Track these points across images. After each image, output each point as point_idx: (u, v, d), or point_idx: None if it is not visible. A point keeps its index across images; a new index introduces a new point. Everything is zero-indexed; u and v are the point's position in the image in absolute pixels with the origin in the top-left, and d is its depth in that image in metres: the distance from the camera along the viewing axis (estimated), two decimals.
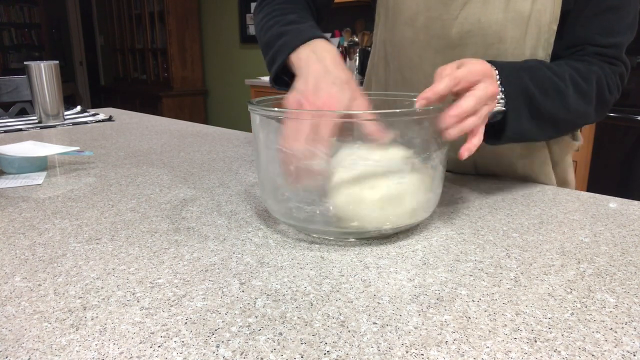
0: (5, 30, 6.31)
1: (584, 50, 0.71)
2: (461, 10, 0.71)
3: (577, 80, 0.67)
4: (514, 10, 0.69)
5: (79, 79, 6.84)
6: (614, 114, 2.24)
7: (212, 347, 0.36)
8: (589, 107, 0.69)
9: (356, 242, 0.55)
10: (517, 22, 0.69)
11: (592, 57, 0.71)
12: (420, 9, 0.75)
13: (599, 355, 0.36)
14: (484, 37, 0.71)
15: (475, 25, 0.71)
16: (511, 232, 0.59)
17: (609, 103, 0.72)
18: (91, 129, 1.30)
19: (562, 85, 0.65)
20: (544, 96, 0.64)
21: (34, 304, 0.42)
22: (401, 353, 0.36)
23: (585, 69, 0.68)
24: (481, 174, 0.85)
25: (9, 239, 0.57)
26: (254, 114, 0.55)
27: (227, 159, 0.96)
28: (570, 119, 0.69)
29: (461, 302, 0.43)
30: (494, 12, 0.70)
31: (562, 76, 0.66)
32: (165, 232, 0.58)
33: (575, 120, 0.70)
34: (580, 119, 0.70)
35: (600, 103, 0.70)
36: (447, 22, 0.73)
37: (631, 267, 0.50)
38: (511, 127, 0.63)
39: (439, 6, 0.73)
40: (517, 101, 0.62)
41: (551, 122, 0.67)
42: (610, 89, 0.71)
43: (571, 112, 0.67)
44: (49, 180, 0.81)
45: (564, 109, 0.66)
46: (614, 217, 0.64)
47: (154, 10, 4.99)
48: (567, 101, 0.66)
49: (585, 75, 0.68)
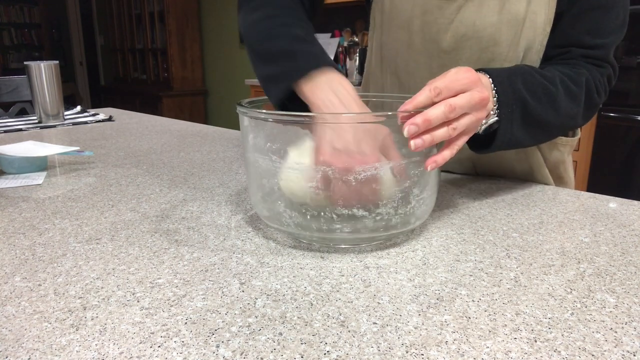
0: (5, 30, 6.31)
1: (571, 53, 0.71)
2: (457, 14, 0.71)
3: (567, 83, 0.66)
4: (509, 13, 0.69)
5: (79, 79, 6.85)
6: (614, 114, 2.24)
7: (212, 347, 0.36)
8: (578, 109, 0.68)
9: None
10: (512, 24, 0.69)
11: (578, 59, 0.70)
12: (415, 13, 0.74)
13: (599, 355, 0.36)
14: (478, 40, 0.71)
15: (470, 28, 0.71)
16: (511, 232, 0.59)
17: (597, 106, 0.71)
18: (91, 129, 1.30)
19: (552, 89, 0.64)
20: (536, 101, 0.62)
21: (34, 304, 0.42)
22: (401, 353, 0.36)
23: (574, 72, 0.68)
24: (481, 174, 0.85)
25: (9, 239, 0.57)
26: (244, 116, 0.54)
27: (227, 159, 0.96)
28: (559, 123, 0.68)
29: (461, 302, 0.43)
30: (488, 15, 0.70)
31: (553, 80, 0.65)
32: (165, 232, 0.58)
33: (565, 123, 0.69)
34: (569, 121, 0.69)
35: (588, 106, 0.69)
36: (442, 26, 0.72)
37: (631, 267, 0.50)
38: (502, 135, 0.61)
39: (434, 10, 0.73)
40: (510, 108, 0.60)
41: (541, 127, 0.65)
42: (599, 92, 0.70)
43: (561, 116, 0.66)
44: (49, 180, 0.81)
45: (554, 113, 0.65)
46: (614, 217, 0.64)
47: (154, 10, 4.99)
48: (558, 105, 0.65)
49: (574, 78, 0.67)
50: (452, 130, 0.51)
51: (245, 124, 0.54)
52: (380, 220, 0.51)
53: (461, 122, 0.51)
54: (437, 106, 0.49)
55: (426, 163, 0.51)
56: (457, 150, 0.53)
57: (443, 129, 0.50)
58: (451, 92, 0.50)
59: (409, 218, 0.53)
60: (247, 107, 0.55)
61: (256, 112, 0.52)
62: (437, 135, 0.50)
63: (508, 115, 0.60)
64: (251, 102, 0.61)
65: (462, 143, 0.53)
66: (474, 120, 0.52)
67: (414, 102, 0.49)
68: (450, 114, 0.49)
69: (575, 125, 0.72)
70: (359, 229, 0.51)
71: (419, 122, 0.48)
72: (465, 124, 0.52)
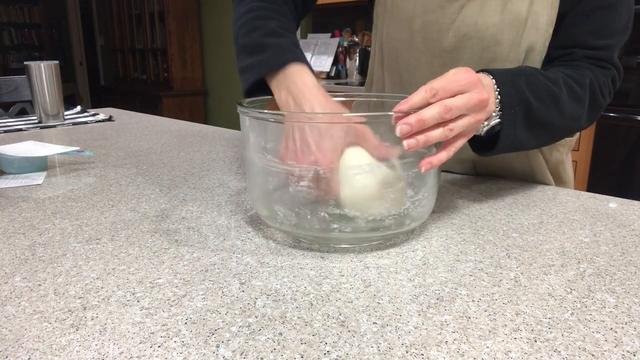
0: (5, 30, 6.31)
1: (574, 55, 0.70)
2: (458, 14, 0.71)
3: (571, 84, 0.66)
4: (511, 13, 0.69)
5: (79, 79, 6.84)
6: (614, 114, 2.24)
7: (212, 347, 0.36)
8: (582, 111, 0.67)
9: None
10: (514, 24, 0.69)
11: (582, 61, 0.70)
12: (417, 12, 0.74)
13: (599, 355, 0.36)
14: (480, 40, 0.71)
15: (471, 28, 0.71)
16: (511, 232, 0.59)
17: (601, 107, 0.71)
18: (91, 129, 1.30)
19: (556, 90, 0.64)
20: (540, 103, 0.62)
21: (34, 304, 0.42)
22: (401, 353, 0.36)
23: (578, 74, 0.67)
24: (481, 174, 0.85)
25: (9, 239, 0.57)
26: (244, 116, 0.54)
27: (227, 159, 0.96)
28: (563, 125, 0.67)
29: (461, 302, 0.43)
30: (490, 15, 0.70)
31: (556, 81, 0.64)
32: (165, 232, 0.58)
33: (569, 125, 0.68)
34: (573, 123, 0.69)
35: (592, 107, 0.69)
36: (444, 25, 0.72)
37: (631, 267, 0.50)
38: (505, 137, 0.60)
39: (436, 9, 0.72)
40: (513, 109, 0.59)
41: (545, 129, 0.65)
42: (603, 94, 0.70)
43: (565, 118, 0.65)
44: (49, 180, 0.81)
45: (559, 115, 0.64)
46: (614, 217, 0.64)
47: (154, 10, 4.99)
48: (562, 106, 0.64)
49: (578, 79, 0.66)
50: (449, 132, 0.50)
51: (246, 123, 0.55)
52: (373, 221, 0.51)
53: (458, 123, 0.51)
54: (432, 106, 0.49)
55: (421, 164, 0.50)
56: (454, 152, 0.52)
57: (439, 130, 0.49)
58: (448, 93, 0.49)
59: (403, 219, 0.53)
60: (248, 107, 0.55)
61: (257, 112, 0.52)
62: (432, 136, 0.49)
63: (511, 117, 0.59)
64: (252, 102, 0.61)
65: (460, 145, 0.53)
66: (472, 122, 0.52)
67: (409, 102, 0.49)
68: (445, 114, 0.49)
69: (579, 127, 0.71)
70: (355, 229, 0.52)
71: (412, 121, 0.47)
72: (463, 126, 0.51)
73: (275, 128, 0.54)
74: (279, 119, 0.54)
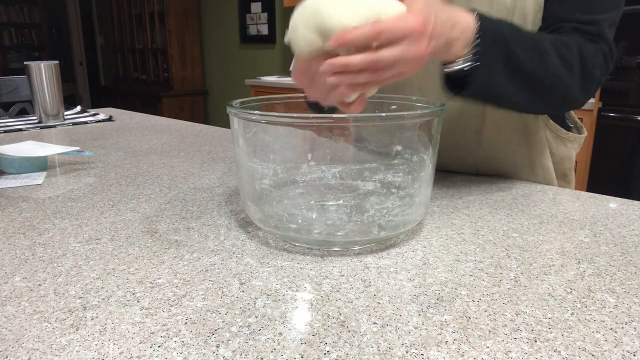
0: (5, 30, 6.31)
1: (562, 28, 0.68)
2: None
3: (559, 46, 0.64)
4: (499, 4, 0.69)
5: (79, 79, 6.84)
6: (614, 114, 2.24)
7: (212, 347, 0.36)
8: (571, 75, 0.65)
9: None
10: (502, 14, 0.68)
11: (570, 32, 0.68)
12: None
13: (599, 355, 0.36)
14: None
15: None
16: (511, 232, 0.59)
17: (593, 79, 0.68)
18: (91, 129, 1.30)
19: (542, 46, 0.62)
20: (523, 51, 0.60)
21: (34, 304, 0.42)
22: (401, 353, 0.36)
23: (566, 39, 0.65)
24: (481, 174, 0.85)
25: (9, 239, 0.57)
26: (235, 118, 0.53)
27: (227, 159, 0.96)
28: (548, 83, 0.64)
29: (461, 302, 0.43)
30: (478, 7, 0.69)
31: (543, 41, 0.63)
32: (165, 232, 0.58)
33: (556, 86, 0.65)
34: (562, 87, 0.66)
35: (584, 76, 0.66)
36: None
37: (631, 267, 0.50)
38: (481, 79, 0.58)
39: None
40: (491, 50, 0.57)
41: (528, 81, 0.62)
42: (594, 64, 0.67)
43: (549, 75, 0.63)
44: (49, 180, 0.81)
45: (542, 66, 0.62)
46: (614, 217, 0.64)
47: (154, 10, 4.99)
48: (547, 61, 0.62)
49: (566, 43, 0.65)
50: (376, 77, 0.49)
51: (235, 126, 0.54)
52: (361, 224, 0.52)
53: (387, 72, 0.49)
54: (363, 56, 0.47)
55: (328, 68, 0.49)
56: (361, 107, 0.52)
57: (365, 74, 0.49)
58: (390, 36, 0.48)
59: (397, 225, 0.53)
60: (237, 107, 0.54)
61: (247, 114, 0.52)
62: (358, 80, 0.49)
63: (489, 57, 0.58)
64: (242, 102, 0.60)
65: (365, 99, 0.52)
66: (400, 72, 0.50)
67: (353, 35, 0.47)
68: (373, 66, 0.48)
69: (571, 95, 0.68)
70: (345, 233, 0.52)
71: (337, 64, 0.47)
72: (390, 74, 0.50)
73: (265, 131, 0.54)
74: (270, 121, 0.52)
